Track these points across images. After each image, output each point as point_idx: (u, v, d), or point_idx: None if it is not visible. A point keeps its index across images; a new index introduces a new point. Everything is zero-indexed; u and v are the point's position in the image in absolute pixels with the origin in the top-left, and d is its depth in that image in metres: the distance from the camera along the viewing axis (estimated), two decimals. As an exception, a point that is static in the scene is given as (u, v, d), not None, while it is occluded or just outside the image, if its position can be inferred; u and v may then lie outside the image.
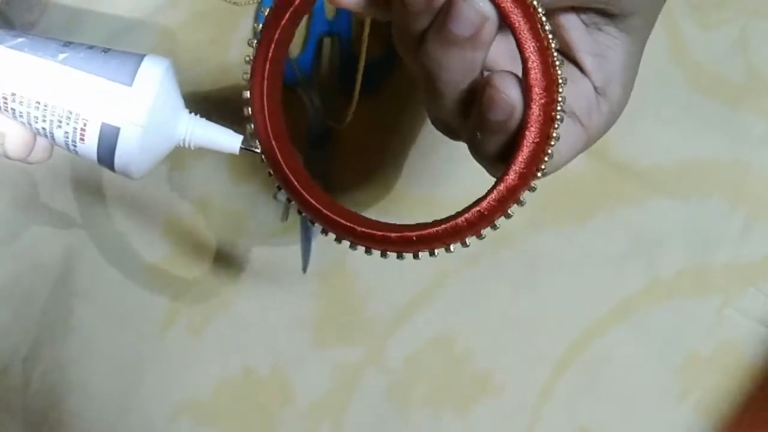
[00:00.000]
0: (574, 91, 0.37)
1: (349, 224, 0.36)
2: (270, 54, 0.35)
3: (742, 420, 0.54)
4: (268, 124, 0.36)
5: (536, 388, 0.55)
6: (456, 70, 0.34)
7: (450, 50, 0.33)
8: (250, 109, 0.37)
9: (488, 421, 0.55)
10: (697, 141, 0.56)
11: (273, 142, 0.37)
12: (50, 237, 0.55)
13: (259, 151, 0.38)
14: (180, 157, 0.55)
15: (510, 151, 0.34)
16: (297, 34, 0.57)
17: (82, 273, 0.55)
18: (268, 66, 0.36)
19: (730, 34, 0.56)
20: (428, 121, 0.56)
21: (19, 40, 0.35)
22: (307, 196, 0.36)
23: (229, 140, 0.38)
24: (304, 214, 0.37)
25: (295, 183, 0.37)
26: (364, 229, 0.35)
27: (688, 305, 0.55)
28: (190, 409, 0.55)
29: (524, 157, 0.33)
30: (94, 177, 0.55)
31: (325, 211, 0.36)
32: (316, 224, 0.56)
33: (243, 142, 0.38)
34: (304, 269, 0.55)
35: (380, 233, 0.35)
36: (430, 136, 0.56)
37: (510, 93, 0.33)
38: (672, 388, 0.55)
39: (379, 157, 0.56)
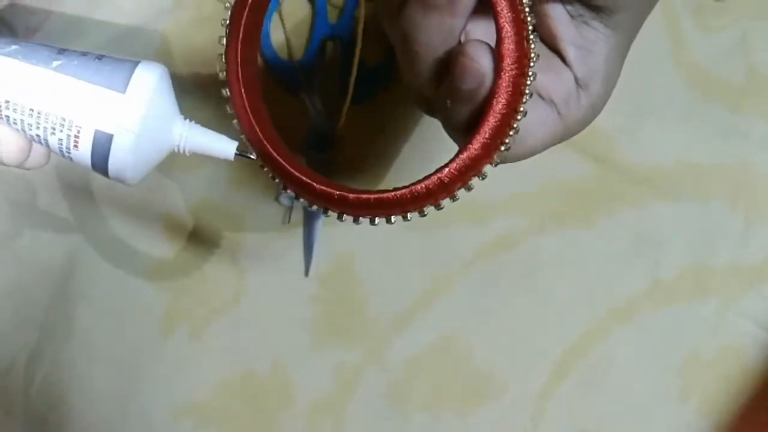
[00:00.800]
0: (554, 80, 0.37)
1: (307, 181, 0.35)
2: (244, 18, 0.35)
3: (742, 422, 0.54)
4: (240, 74, 0.36)
5: (537, 390, 0.55)
6: (434, 36, 0.34)
7: (430, 15, 0.33)
8: (224, 72, 0.37)
9: (489, 423, 0.56)
10: (698, 143, 0.56)
11: (242, 89, 0.36)
12: (50, 241, 0.55)
13: (254, 157, 0.38)
14: (181, 160, 0.55)
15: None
16: (300, 38, 0.57)
17: (82, 276, 0.55)
18: (242, 30, 0.35)
19: (732, 37, 0.56)
20: (433, 126, 0.56)
21: (13, 47, 0.36)
22: (270, 148, 0.36)
23: (224, 146, 0.38)
24: (265, 167, 0.37)
25: (259, 132, 0.36)
26: (322, 187, 0.35)
27: (689, 308, 0.55)
28: (191, 411, 0.56)
29: (489, 127, 0.33)
30: (92, 181, 0.56)
31: (286, 166, 0.36)
32: (317, 227, 0.56)
33: (238, 148, 0.38)
34: (306, 272, 0.56)
35: (338, 192, 0.35)
36: (435, 140, 0.56)
37: (482, 61, 0.33)
38: (673, 390, 0.55)
39: (383, 161, 0.57)
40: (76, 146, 0.36)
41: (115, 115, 0.35)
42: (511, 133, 0.33)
